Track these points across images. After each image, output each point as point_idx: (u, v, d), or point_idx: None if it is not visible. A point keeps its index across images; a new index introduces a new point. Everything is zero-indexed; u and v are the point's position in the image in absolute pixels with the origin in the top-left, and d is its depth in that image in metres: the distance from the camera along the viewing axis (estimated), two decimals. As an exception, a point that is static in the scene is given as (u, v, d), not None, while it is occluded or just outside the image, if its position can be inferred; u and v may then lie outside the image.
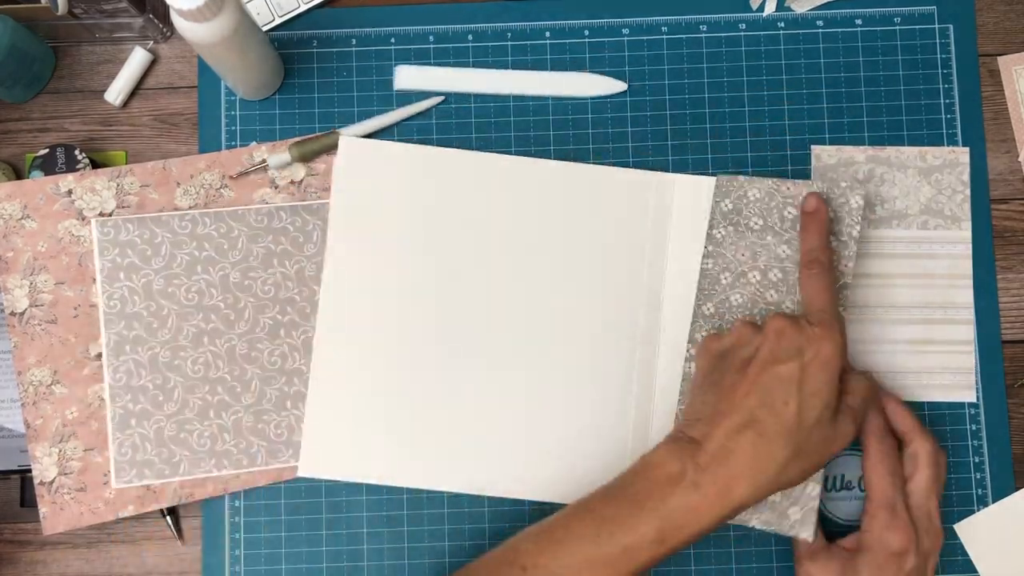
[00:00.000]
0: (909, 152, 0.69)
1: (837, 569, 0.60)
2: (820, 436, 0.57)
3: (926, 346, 0.68)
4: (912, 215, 0.68)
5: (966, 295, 0.68)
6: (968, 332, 0.68)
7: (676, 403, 0.66)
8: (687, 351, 0.66)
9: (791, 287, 0.65)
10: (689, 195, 0.68)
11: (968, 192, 0.69)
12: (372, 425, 0.66)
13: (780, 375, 0.56)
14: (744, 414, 0.56)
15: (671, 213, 0.68)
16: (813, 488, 0.62)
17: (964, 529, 0.67)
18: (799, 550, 0.63)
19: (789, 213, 0.65)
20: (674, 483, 0.55)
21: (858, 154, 0.69)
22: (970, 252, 0.68)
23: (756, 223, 0.66)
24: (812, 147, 0.69)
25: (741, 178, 0.66)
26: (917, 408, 0.67)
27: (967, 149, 0.69)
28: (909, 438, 0.62)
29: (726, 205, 0.66)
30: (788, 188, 0.66)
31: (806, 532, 0.62)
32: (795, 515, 0.62)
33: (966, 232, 0.68)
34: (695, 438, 0.57)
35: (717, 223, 0.66)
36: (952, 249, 0.68)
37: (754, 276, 0.66)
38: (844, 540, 0.63)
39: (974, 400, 0.67)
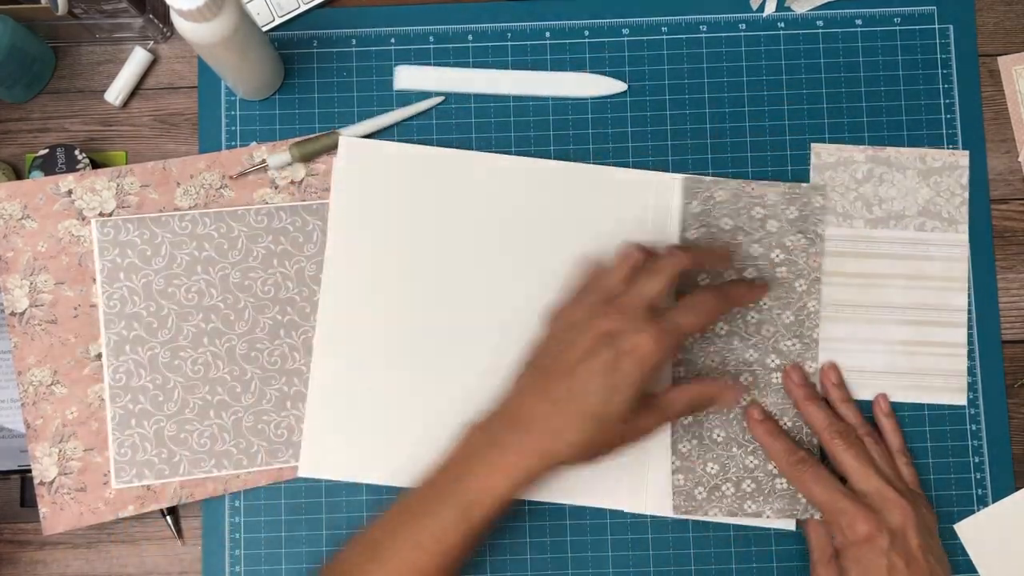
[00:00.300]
0: (909, 153, 0.69)
1: (837, 572, 0.61)
2: (614, 427, 0.57)
3: (919, 347, 0.68)
4: (909, 216, 0.68)
5: (960, 298, 0.68)
6: (961, 335, 0.68)
7: None
8: None
9: (768, 284, 0.66)
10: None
11: (966, 195, 0.69)
12: (372, 425, 0.66)
13: (592, 366, 0.56)
14: (549, 392, 0.57)
15: (671, 213, 0.68)
16: None
17: (964, 529, 0.67)
18: (813, 556, 0.63)
19: (757, 213, 0.67)
20: (476, 453, 0.57)
21: (858, 154, 0.69)
22: (966, 255, 0.68)
23: (726, 223, 0.67)
24: (812, 145, 0.69)
25: (707, 179, 0.67)
26: (916, 409, 0.68)
27: (967, 152, 0.69)
28: (820, 438, 0.65)
29: (694, 207, 0.67)
30: (753, 189, 0.67)
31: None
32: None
33: (963, 235, 0.68)
34: (498, 410, 0.59)
35: (688, 225, 0.67)
36: (948, 252, 0.68)
37: (729, 276, 0.67)
38: None
39: (964, 403, 0.67)
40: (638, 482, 0.66)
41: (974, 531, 0.67)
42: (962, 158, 0.69)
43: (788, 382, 0.66)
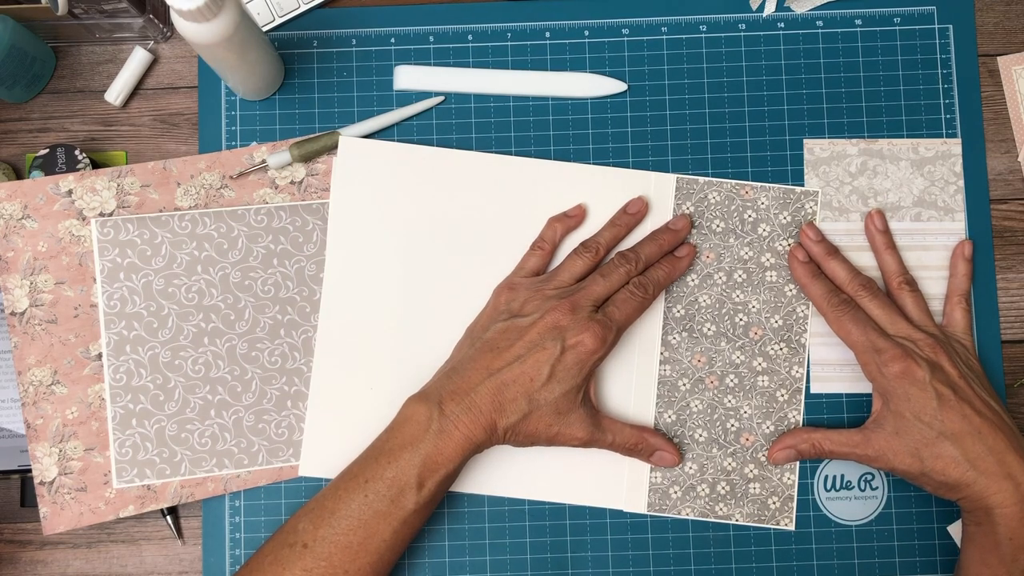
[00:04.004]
0: (902, 144, 0.69)
1: (892, 419, 0.62)
2: (547, 415, 0.61)
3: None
4: (905, 207, 0.69)
5: (962, 289, 0.68)
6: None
7: (653, 404, 0.67)
8: (660, 354, 0.66)
9: (755, 287, 0.67)
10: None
11: (961, 183, 0.69)
12: (373, 425, 0.66)
13: (539, 355, 0.60)
14: (495, 370, 0.60)
15: (670, 213, 0.68)
16: (789, 477, 0.66)
17: (959, 530, 0.67)
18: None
19: (749, 216, 0.67)
20: (423, 430, 0.59)
21: (850, 147, 0.69)
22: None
23: (718, 226, 0.67)
24: (804, 141, 0.69)
25: (701, 180, 0.67)
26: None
27: (959, 140, 0.69)
28: (845, 291, 0.65)
29: (687, 208, 0.67)
30: (747, 192, 0.67)
31: (787, 522, 0.66)
32: (774, 504, 0.66)
33: (959, 223, 0.69)
34: (444, 383, 0.61)
35: None
36: (946, 240, 0.68)
37: (720, 277, 0.67)
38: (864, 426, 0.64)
39: None
40: (614, 478, 0.66)
41: (974, 531, 0.67)
42: (955, 146, 0.69)
43: (805, 239, 0.66)
